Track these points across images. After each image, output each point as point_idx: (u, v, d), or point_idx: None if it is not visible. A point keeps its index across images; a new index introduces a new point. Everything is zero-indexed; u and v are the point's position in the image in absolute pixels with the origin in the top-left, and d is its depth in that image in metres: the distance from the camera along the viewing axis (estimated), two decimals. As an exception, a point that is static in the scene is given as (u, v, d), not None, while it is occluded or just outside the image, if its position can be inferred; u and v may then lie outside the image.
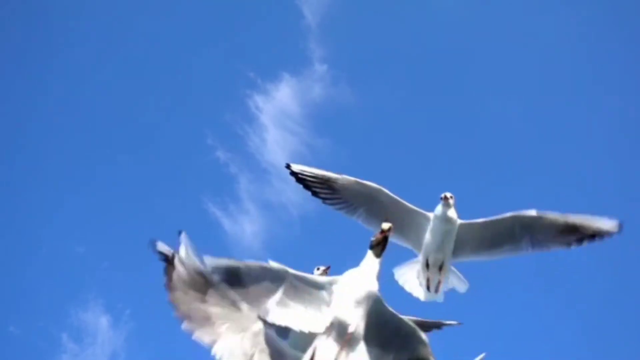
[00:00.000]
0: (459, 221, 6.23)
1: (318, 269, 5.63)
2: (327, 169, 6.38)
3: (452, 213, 6.21)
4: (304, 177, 6.36)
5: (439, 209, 6.23)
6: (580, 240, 6.03)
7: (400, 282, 6.45)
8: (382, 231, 4.82)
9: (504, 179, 13.25)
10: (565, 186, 12.76)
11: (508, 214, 6.13)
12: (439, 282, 6.35)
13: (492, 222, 6.19)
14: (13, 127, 13.21)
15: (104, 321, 12.59)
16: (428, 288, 6.36)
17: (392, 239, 5.84)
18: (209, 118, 13.94)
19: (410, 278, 6.44)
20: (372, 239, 4.80)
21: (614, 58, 13.28)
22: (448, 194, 6.22)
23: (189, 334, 4.04)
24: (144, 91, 14.04)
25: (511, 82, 13.85)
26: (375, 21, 14.30)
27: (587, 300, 12.10)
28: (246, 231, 13.57)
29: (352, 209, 6.37)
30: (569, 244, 6.09)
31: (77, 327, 12.52)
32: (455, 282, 6.44)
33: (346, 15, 14.49)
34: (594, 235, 5.98)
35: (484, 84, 13.94)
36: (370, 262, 4.73)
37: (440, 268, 6.30)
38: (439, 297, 6.38)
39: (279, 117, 13.87)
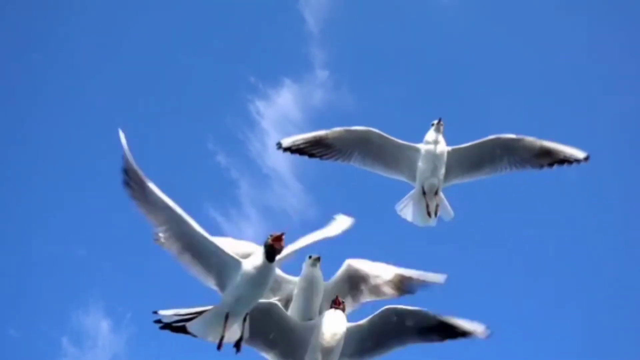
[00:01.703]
0: (447, 147, 6.63)
1: (310, 257, 5.84)
2: (329, 173, 6.61)
3: (440, 138, 6.61)
4: (297, 147, 6.61)
5: (429, 134, 6.66)
6: (551, 164, 6.55)
7: (402, 215, 6.83)
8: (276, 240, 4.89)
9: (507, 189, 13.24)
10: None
11: (489, 137, 6.57)
12: (437, 206, 6.73)
13: (475, 145, 6.63)
14: (12, 128, 13.24)
15: (104, 325, 12.57)
16: (429, 214, 6.72)
17: (388, 175, 6.80)
18: (210, 122, 13.96)
19: (408, 209, 6.83)
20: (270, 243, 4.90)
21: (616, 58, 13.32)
22: (439, 120, 6.66)
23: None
24: (144, 94, 14.06)
25: (514, 86, 13.85)
26: (377, 27, 14.36)
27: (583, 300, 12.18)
28: (247, 236, 13.49)
29: (347, 157, 6.68)
30: (541, 166, 6.58)
31: (77, 330, 12.50)
32: (444, 209, 6.80)
33: (348, 20, 14.55)
34: (564, 160, 6.52)
35: (487, 89, 13.94)
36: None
37: (436, 194, 6.71)
38: (433, 223, 6.77)
39: (281, 122, 13.89)
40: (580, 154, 6.51)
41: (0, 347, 11.92)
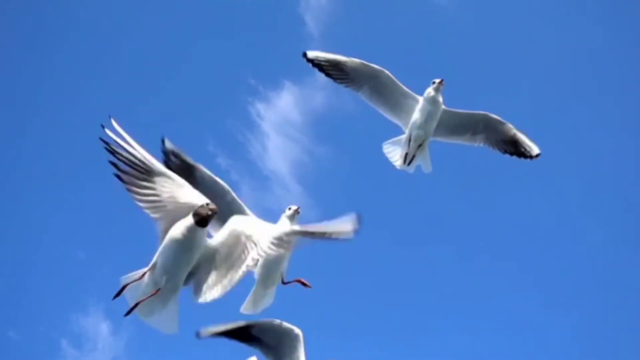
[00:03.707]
0: (443, 107, 7.21)
1: (290, 208, 5.89)
2: (328, 178, 6.90)
3: (439, 97, 7.19)
4: (318, 62, 7.29)
5: (429, 91, 7.20)
6: (512, 154, 7.27)
7: (385, 153, 7.53)
8: (210, 209, 4.49)
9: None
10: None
11: (481, 112, 7.27)
12: (413, 157, 7.35)
13: (466, 113, 7.29)
14: (13, 129, 13.25)
15: (104, 327, 12.56)
16: (404, 160, 7.42)
17: (387, 115, 7.46)
18: (210, 124, 13.96)
19: (393, 150, 7.49)
20: (200, 210, 4.47)
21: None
22: (442, 80, 7.17)
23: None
24: (145, 96, 14.08)
25: (513, 87, 13.87)
26: (378, 30, 14.40)
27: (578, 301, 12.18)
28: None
29: (357, 87, 7.37)
30: (504, 152, 7.32)
31: (77, 332, 12.48)
32: (425, 162, 7.50)
33: (349, 23, 14.58)
34: (522, 154, 7.23)
35: (487, 90, 13.95)
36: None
37: (420, 146, 7.31)
38: (411, 169, 7.49)
39: (281, 125, 13.91)
40: (534, 150, 7.12)
41: (0, 349, 11.91)
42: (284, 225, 5.85)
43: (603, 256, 12.55)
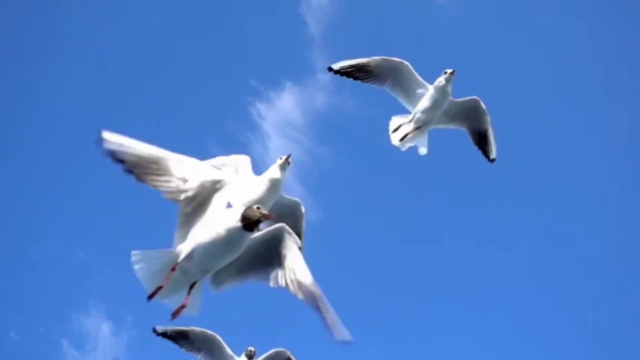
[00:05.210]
0: (450, 98, 7.51)
1: (281, 158, 5.88)
2: (329, 179, 7.05)
3: (448, 87, 7.48)
4: (345, 71, 7.64)
5: (440, 80, 7.49)
6: (478, 146, 7.72)
7: (390, 125, 7.84)
8: (262, 215, 4.33)
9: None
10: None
11: (473, 97, 7.62)
12: (406, 136, 7.67)
13: (462, 102, 7.61)
14: (14, 131, 13.27)
15: (105, 327, 12.58)
16: (394, 131, 7.77)
17: (405, 104, 7.76)
18: (212, 125, 13.99)
19: (394, 125, 7.80)
20: (250, 214, 4.31)
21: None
22: (454, 70, 7.44)
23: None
24: (146, 97, 14.11)
25: (513, 87, 13.90)
26: (379, 31, 14.43)
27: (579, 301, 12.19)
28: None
29: (382, 82, 7.74)
30: (475, 143, 7.73)
31: (78, 333, 12.51)
32: (422, 144, 7.84)
33: (349, 24, 14.62)
34: (485, 153, 7.70)
35: (486, 89, 13.98)
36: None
37: (418, 129, 7.62)
38: (403, 147, 7.83)
39: (282, 125, 13.94)
40: (492, 154, 7.58)
41: (1, 350, 11.93)
42: (273, 172, 5.83)
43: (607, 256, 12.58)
